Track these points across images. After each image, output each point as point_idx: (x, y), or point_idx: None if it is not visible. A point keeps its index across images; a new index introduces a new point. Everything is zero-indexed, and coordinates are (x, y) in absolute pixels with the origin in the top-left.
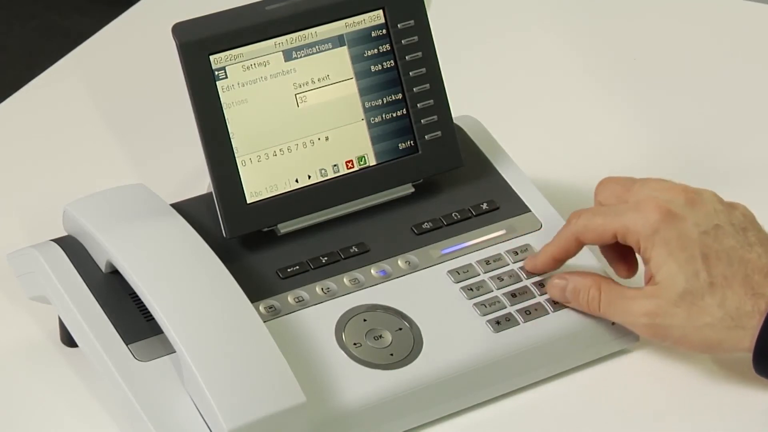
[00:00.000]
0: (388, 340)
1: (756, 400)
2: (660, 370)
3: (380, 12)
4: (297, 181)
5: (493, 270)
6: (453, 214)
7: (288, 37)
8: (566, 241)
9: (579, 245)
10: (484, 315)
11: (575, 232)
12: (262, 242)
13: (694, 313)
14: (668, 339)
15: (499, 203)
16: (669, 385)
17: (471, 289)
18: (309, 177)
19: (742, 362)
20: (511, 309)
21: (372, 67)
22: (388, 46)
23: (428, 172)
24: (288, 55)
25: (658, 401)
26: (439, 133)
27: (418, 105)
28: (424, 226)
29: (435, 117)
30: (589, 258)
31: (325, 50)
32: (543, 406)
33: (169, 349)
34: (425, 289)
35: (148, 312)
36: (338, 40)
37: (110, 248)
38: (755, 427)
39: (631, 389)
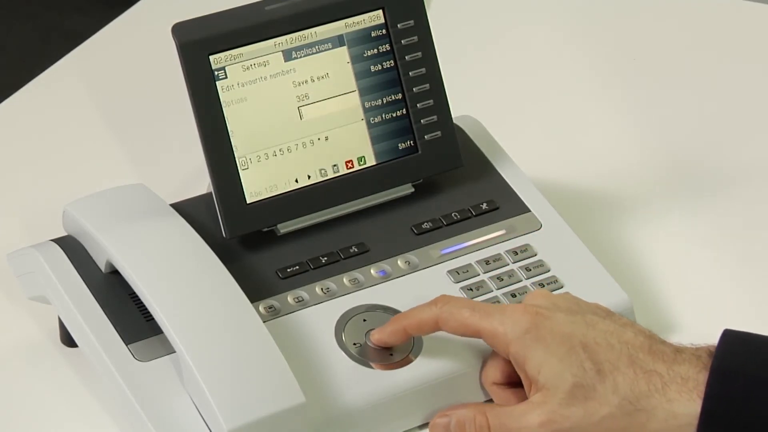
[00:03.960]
0: None
1: None
2: None
3: (380, 12)
4: (297, 181)
5: (493, 270)
6: (453, 214)
7: (288, 37)
8: (425, 320)
9: (435, 329)
10: None
11: (437, 316)
12: (262, 242)
13: (591, 407)
14: None
15: (499, 203)
16: None
17: (471, 289)
18: (309, 177)
19: None
20: None
21: (372, 67)
22: (387, 46)
23: (428, 172)
24: (288, 55)
25: None
26: (439, 133)
27: (418, 105)
28: (424, 226)
29: (435, 117)
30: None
31: (325, 50)
32: None
33: (169, 349)
34: (425, 289)
35: (148, 312)
36: (338, 40)
37: (110, 248)
38: None
39: None
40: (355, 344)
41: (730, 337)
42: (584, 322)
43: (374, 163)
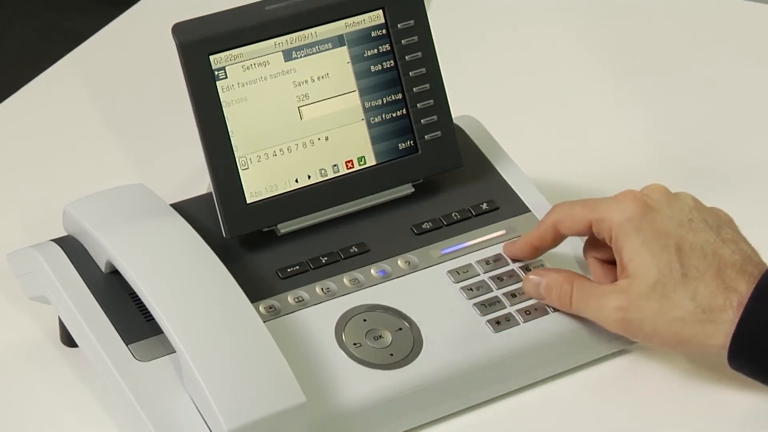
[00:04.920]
0: (388, 340)
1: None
2: (660, 370)
3: (380, 12)
4: (297, 181)
5: (493, 270)
6: (453, 214)
7: (288, 37)
8: (545, 229)
9: (557, 234)
10: (484, 315)
11: (554, 221)
12: (262, 242)
13: (666, 306)
14: (639, 334)
15: (499, 203)
16: (668, 385)
17: (471, 289)
18: (309, 177)
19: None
20: (511, 309)
21: (372, 67)
22: (388, 46)
23: (428, 172)
24: (288, 55)
25: (657, 401)
26: (439, 133)
27: (418, 105)
28: (424, 226)
29: (435, 117)
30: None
31: (325, 50)
32: (543, 406)
33: (169, 349)
34: (425, 289)
35: (148, 312)
36: (338, 40)
37: (110, 248)
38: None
39: (630, 389)
40: (355, 344)
41: None
42: (689, 225)
43: (374, 163)
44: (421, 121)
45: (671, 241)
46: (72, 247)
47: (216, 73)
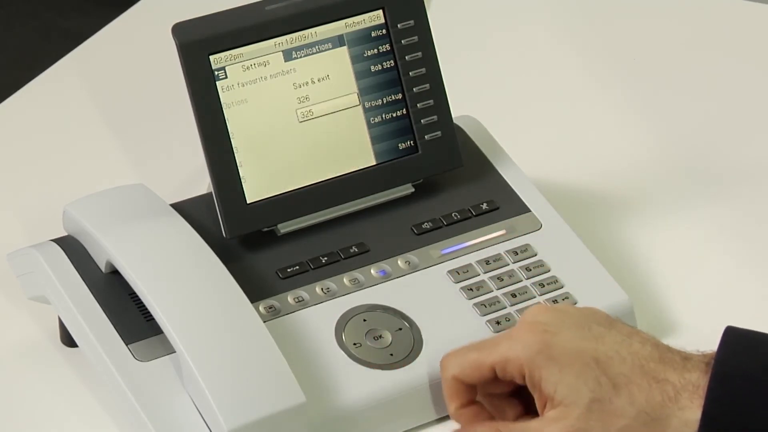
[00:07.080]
0: (388, 340)
1: None
2: None
3: (380, 12)
4: (297, 181)
5: (493, 270)
6: (453, 214)
7: (288, 37)
8: (450, 387)
9: (465, 387)
10: (484, 315)
11: (454, 376)
12: (262, 242)
13: (609, 420)
14: None
15: (499, 203)
16: None
17: (471, 289)
18: (309, 177)
19: None
20: (511, 309)
21: (372, 67)
22: (388, 46)
23: (428, 172)
24: (288, 55)
25: None
26: (439, 133)
27: (418, 105)
28: (424, 226)
29: (435, 117)
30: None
31: (325, 50)
32: None
33: (169, 349)
34: (425, 289)
35: (148, 312)
36: (338, 40)
37: (110, 248)
38: None
39: None
40: (355, 344)
41: (731, 336)
42: (592, 336)
43: (374, 163)
44: (421, 121)
45: (587, 357)
46: (72, 247)
47: (216, 73)
